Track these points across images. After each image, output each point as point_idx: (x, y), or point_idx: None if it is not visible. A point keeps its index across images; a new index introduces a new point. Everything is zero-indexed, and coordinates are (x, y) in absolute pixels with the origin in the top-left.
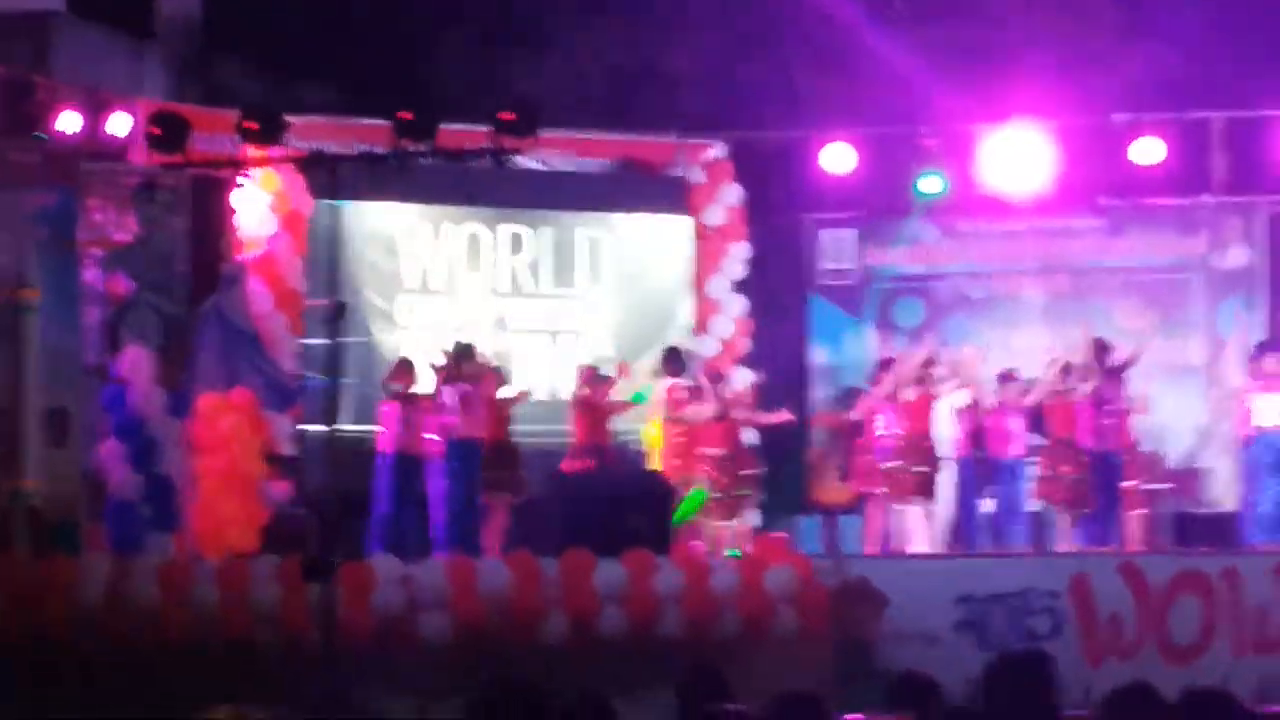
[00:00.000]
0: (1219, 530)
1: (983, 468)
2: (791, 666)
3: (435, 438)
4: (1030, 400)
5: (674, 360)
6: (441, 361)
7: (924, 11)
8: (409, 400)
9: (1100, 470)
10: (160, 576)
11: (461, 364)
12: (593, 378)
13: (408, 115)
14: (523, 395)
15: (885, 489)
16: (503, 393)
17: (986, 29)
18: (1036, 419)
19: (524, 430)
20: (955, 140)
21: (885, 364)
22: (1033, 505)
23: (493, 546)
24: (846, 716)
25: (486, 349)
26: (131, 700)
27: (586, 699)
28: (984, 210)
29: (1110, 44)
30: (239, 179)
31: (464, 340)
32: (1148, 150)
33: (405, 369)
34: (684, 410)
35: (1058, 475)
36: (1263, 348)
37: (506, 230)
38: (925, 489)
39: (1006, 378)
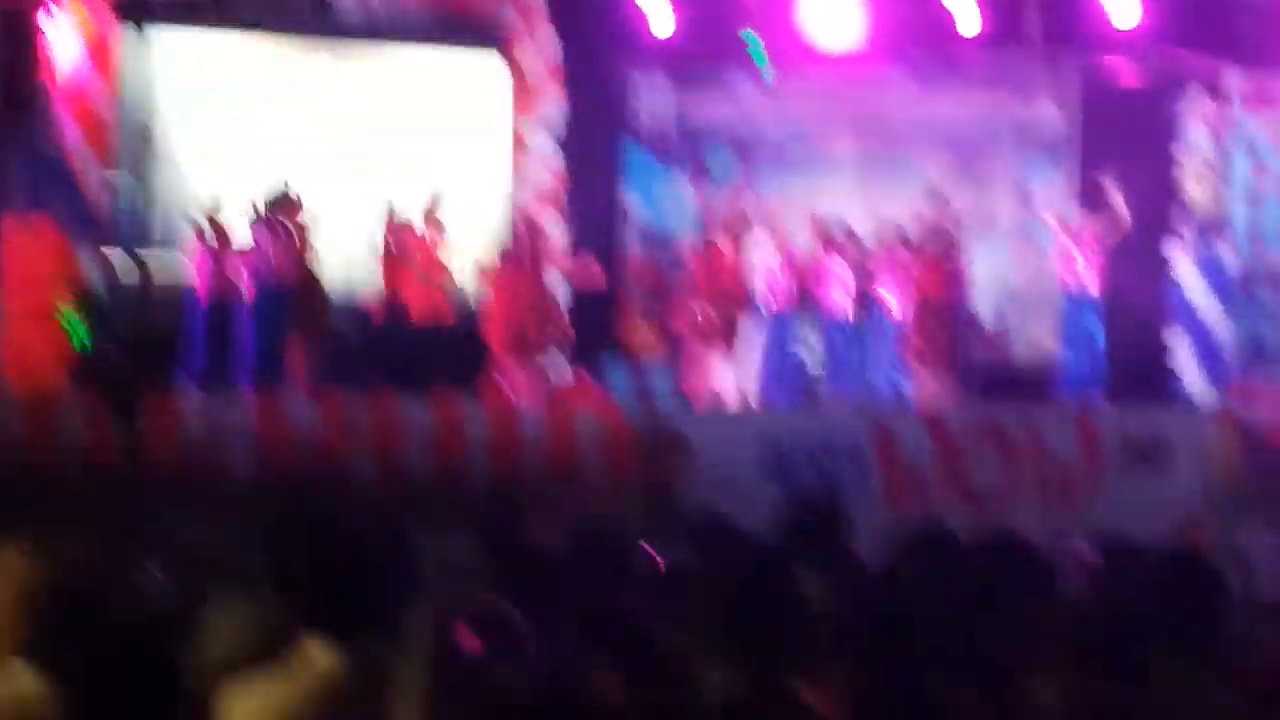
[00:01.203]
0: (1027, 385)
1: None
2: (597, 510)
3: (244, 280)
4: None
5: None
6: (255, 205)
7: None
8: (220, 243)
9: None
10: None
11: (275, 206)
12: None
13: None
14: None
15: (693, 334)
16: (310, 233)
17: None
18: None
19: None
20: None
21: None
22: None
23: (299, 385)
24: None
25: (294, 185)
26: None
27: (386, 530)
28: (799, 61)
29: None
30: (48, 6)
31: (277, 181)
32: (960, 4)
33: (215, 210)
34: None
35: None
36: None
37: (318, 61)
38: (729, 336)
39: (818, 228)
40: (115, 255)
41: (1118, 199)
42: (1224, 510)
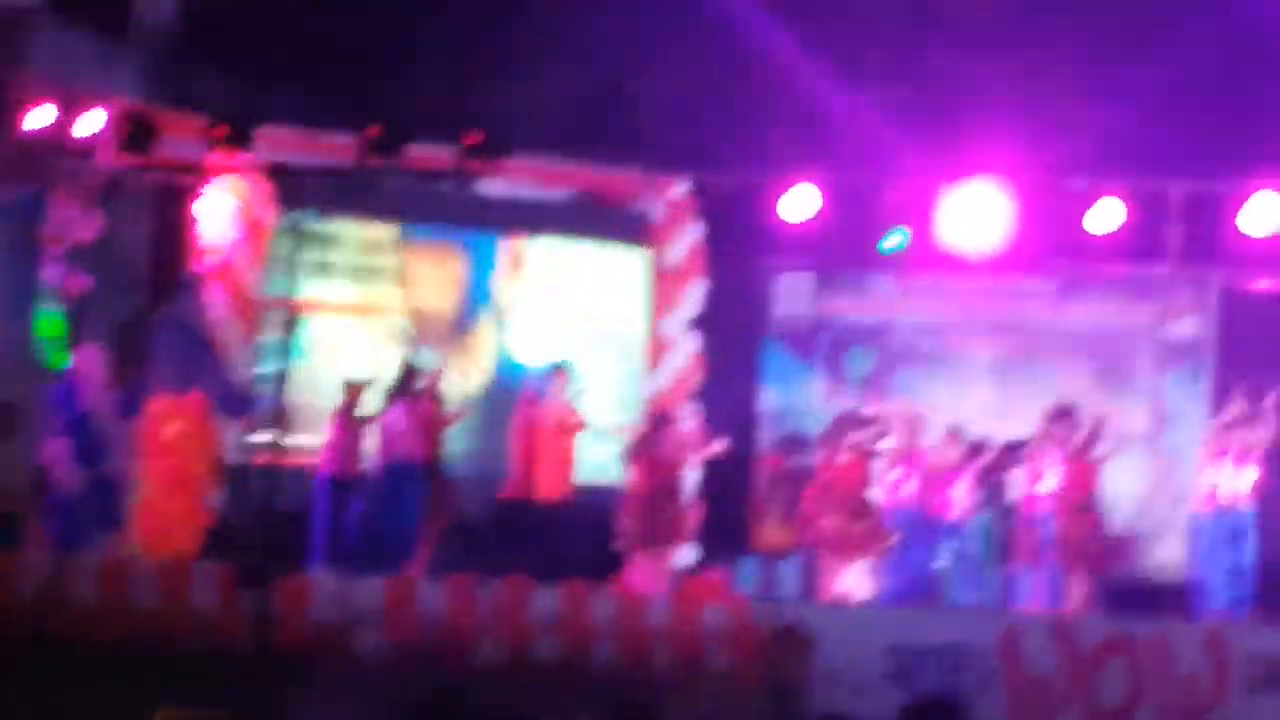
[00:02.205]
0: (1157, 599)
1: (925, 526)
2: (721, 705)
3: (373, 458)
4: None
5: None
6: (388, 382)
7: (889, 70)
8: (351, 420)
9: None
10: (99, 575)
11: (407, 384)
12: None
13: (376, 131)
14: (461, 415)
15: (828, 545)
16: (442, 414)
17: (950, 87)
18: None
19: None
20: (916, 195)
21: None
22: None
23: (420, 569)
24: None
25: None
26: (65, 699)
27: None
28: (940, 266)
29: (1073, 107)
30: (204, 185)
31: (411, 360)
32: (1104, 215)
33: (352, 388)
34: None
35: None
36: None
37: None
38: (868, 546)
39: (953, 437)
40: (256, 433)
41: (1270, 410)
42: None
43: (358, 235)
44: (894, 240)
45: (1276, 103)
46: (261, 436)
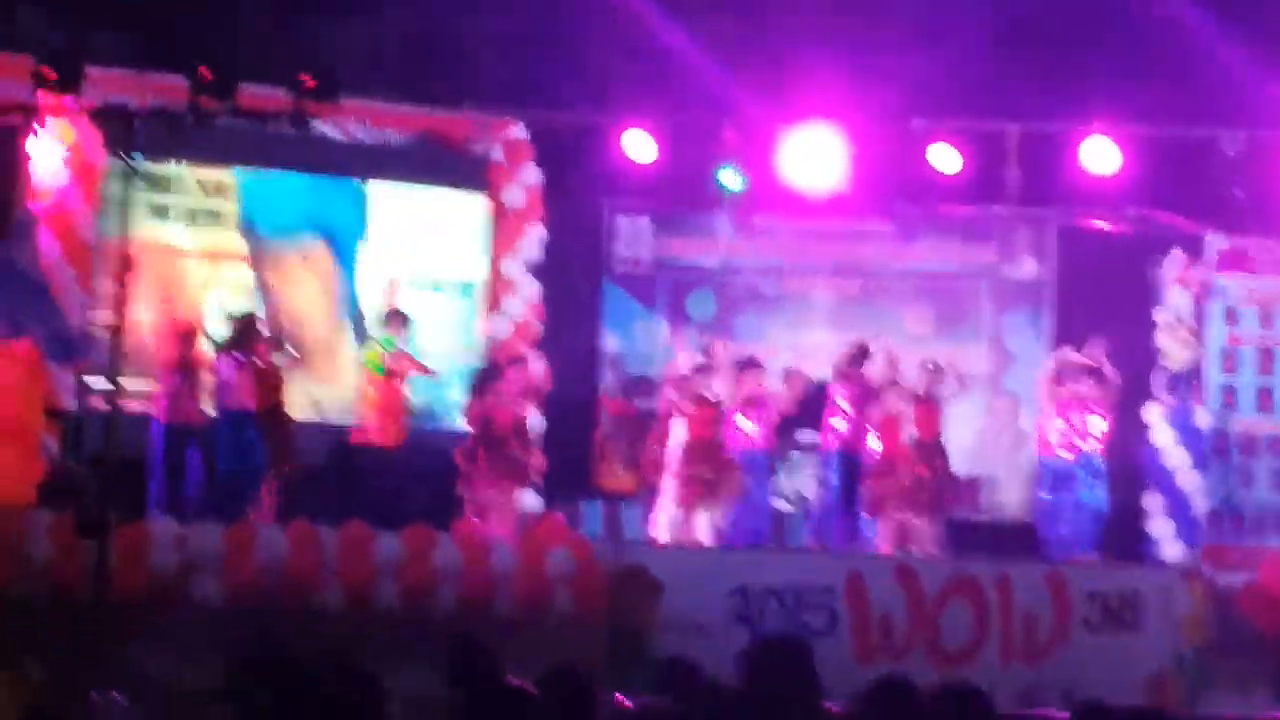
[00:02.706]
0: (1000, 540)
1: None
2: (564, 647)
3: (209, 407)
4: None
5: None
6: (220, 331)
7: (724, 11)
8: (185, 369)
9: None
10: None
11: (240, 333)
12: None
13: (207, 72)
14: (296, 362)
15: (673, 488)
16: (276, 360)
17: (786, 27)
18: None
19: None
20: (755, 136)
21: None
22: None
23: (264, 516)
24: (615, 695)
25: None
26: None
27: (351, 670)
28: (779, 208)
29: (911, 49)
30: (33, 127)
31: (242, 308)
32: (943, 157)
33: (184, 334)
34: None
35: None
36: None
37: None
38: (712, 494)
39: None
40: (91, 378)
41: (1107, 361)
42: (1192, 672)
43: (195, 178)
44: (729, 176)
45: (1111, 43)
46: (98, 382)
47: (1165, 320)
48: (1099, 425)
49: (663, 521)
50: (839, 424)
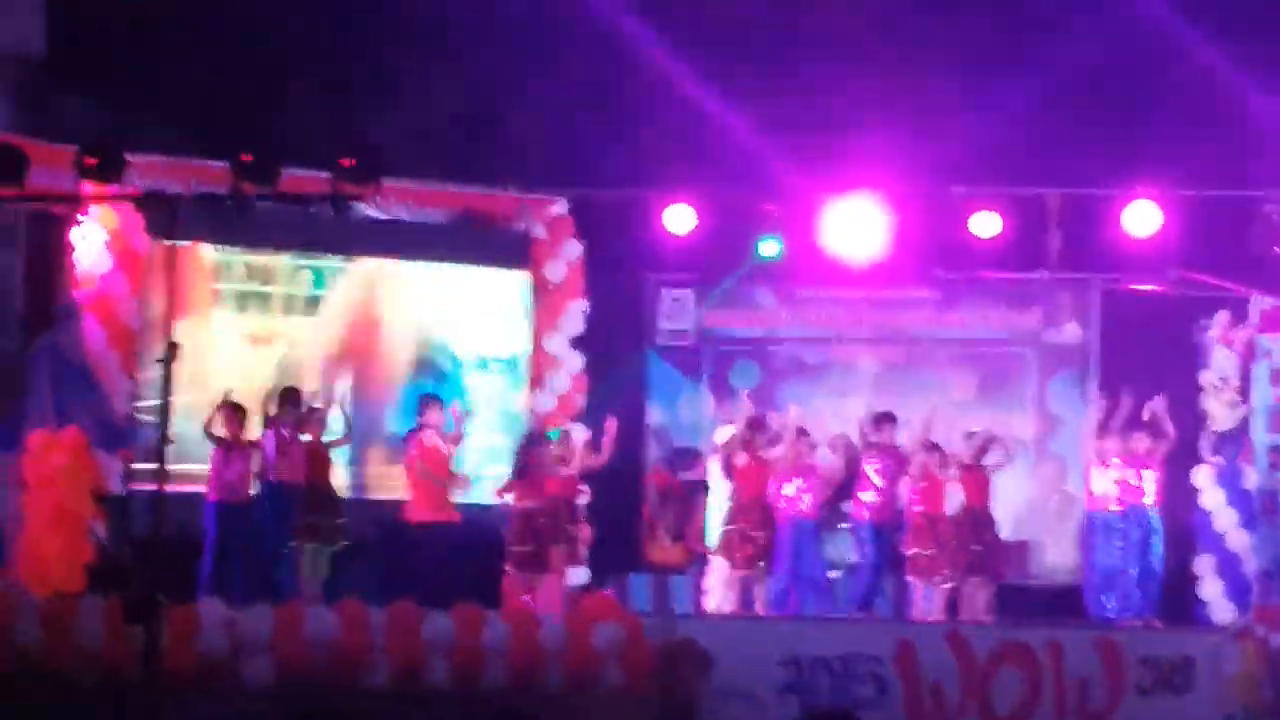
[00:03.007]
0: (1050, 603)
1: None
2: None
3: (256, 483)
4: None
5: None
6: (268, 406)
7: (763, 84)
8: (232, 445)
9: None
10: None
11: (284, 407)
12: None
13: (249, 157)
14: (346, 439)
15: (720, 553)
16: (325, 437)
17: (825, 99)
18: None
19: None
20: (795, 207)
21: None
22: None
23: (312, 593)
24: None
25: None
26: None
27: None
28: (821, 277)
29: (950, 117)
30: (77, 215)
31: (288, 384)
32: (984, 224)
33: (231, 413)
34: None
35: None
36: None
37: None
38: (761, 555)
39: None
40: (138, 463)
41: (1166, 418)
42: None
43: (243, 261)
44: (768, 247)
45: (1150, 108)
46: (144, 466)
47: (1210, 382)
48: (1152, 480)
49: (715, 585)
50: (868, 496)
